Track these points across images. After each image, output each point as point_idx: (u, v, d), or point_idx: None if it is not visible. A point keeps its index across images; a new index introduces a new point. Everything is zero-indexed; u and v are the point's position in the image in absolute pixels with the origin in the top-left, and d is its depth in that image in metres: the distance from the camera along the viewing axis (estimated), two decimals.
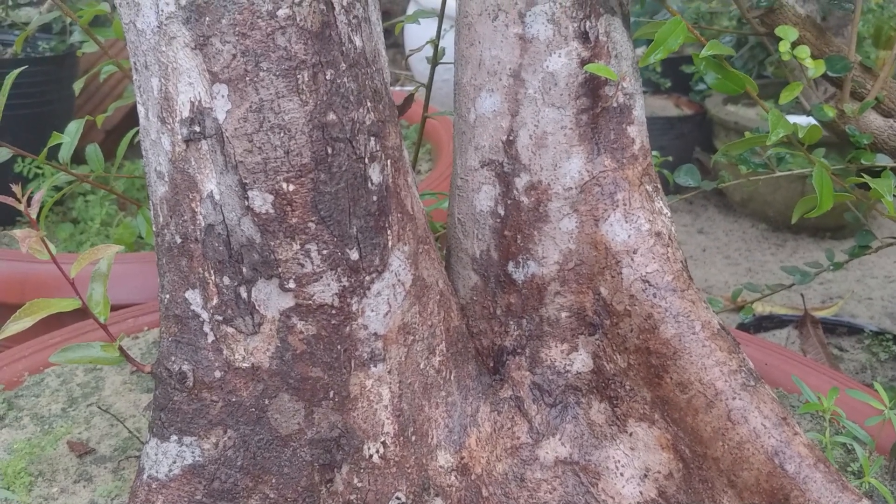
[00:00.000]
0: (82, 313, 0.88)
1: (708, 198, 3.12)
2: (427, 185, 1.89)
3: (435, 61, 1.24)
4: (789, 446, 0.84)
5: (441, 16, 1.22)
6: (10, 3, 2.21)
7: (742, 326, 2.01)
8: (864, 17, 2.85)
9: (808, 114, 1.24)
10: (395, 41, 4.18)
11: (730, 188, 2.92)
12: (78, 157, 1.53)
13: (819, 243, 2.80)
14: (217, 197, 0.79)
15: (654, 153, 1.36)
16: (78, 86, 1.30)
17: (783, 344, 1.97)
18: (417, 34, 3.25)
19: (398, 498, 0.90)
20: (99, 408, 1.18)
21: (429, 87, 1.27)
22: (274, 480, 0.85)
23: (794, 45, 1.07)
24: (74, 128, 1.17)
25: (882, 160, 1.24)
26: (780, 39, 1.07)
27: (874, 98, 1.24)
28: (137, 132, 1.17)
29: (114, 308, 1.42)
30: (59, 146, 1.20)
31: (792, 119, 1.07)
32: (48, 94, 2.05)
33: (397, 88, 3.15)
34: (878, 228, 2.70)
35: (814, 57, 1.14)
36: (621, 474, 0.93)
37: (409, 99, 1.23)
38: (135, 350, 1.32)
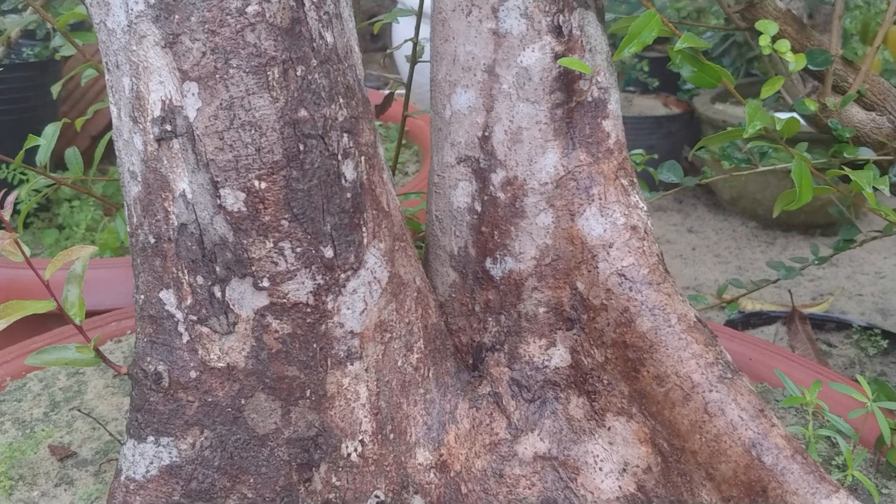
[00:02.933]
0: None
1: (697, 196, 3.12)
2: (414, 187, 1.89)
3: (414, 59, 1.24)
4: (766, 438, 0.83)
5: (419, 13, 1.22)
6: None
7: (730, 323, 2.01)
8: (850, 13, 2.85)
9: (791, 108, 1.24)
10: (384, 44, 4.18)
11: (719, 186, 2.93)
12: (63, 164, 1.52)
13: (809, 240, 2.80)
14: (189, 196, 0.79)
15: (640, 151, 1.36)
16: (56, 89, 1.30)
17: (772, 340, 1.96)
18: (404, 36, 3.25)
19: (377, 496, 0.89)
20: (80, 412, 1.17)
21: (408, 85, 1.27)
22: (252, 480, 0.85)
23: (774, 39, 1.07)
24: (51, 130, 1.17)
25: (865, 153, 1.24)
26: (761, 34, 1.07)
27: (856, 91, 1.24)
28: None
29: (99, 312, 1.42)
30: (38, 150, 1.20)
31: (779, 117, 1.07)
32: (32, 99, 2.04)
33: (386, 91, 3.14)
34: (868, 225, 2.71)
35: (795, 51, 1.14)
36: (600, 469, 0.93)
37: (389, 98, 1.23)
38: (117, 353, 1.31)
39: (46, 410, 1.18)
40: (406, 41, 1.23)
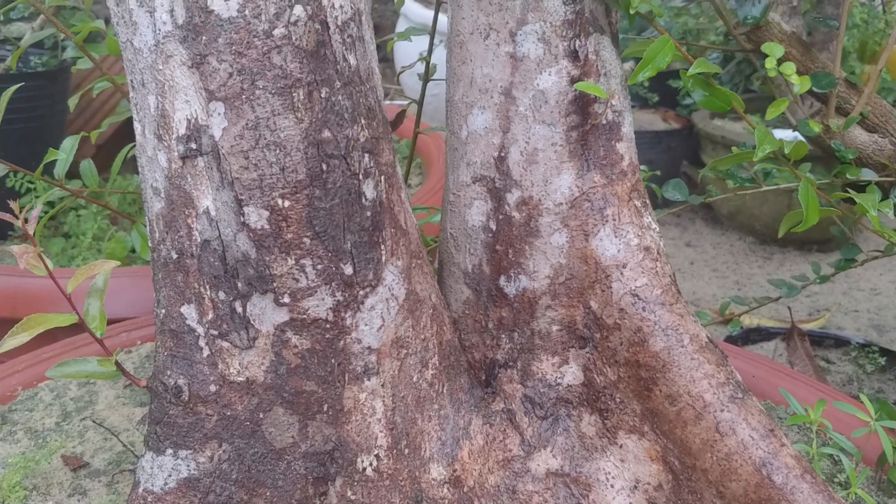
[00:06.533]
0: (75, 328, 0.89)
1: (695, 211, 3.14)
2: (417, 200, 1.91)
3: (426, 78, 1.25)
4: (776, 457, 0.85)
5: (432, 33, 1.24)
6: (2, 18, 2.22)
7: (730, 339, 2.03)
8: (848, 31, 2.88)
9: (794, 129, 1.26)
10: (384, 56, 4.20)
11: (717, 202, 2.94)
12: (70, 172, 1.54)
13: (806, 256, 2.82)
14: (213, 213, 0.80)
15: (642, 167, 1.38)
16: (73, 102, 1.31)
17: (770, 356, 1.98)
18: (407, 49, 3.27)
19: None
20: (93, 422, 1.18)
21: (420, 103, 1.29)
22: (268, 493, 0.86)
23: (780, 61, 1.09)
24: (70, 144, 1.18)
25: (867, 175, 1.26)
26: (767, 56, 1.09)
27: (859, 113, 1.26)
28: (132, 148, 1.18)
29: (107, 323, 1.43)
30: (53, 162, 1.21)
31: (778, 134, 1.09)
32: (40, 108, 2.05)
33: (388, 103, 3.16)
34: (864, 242, 2.73)
35: (799, 73, 1.15)
36: (612, 486, 0.95)
37: (401, 115, 1.24)
38: (128, 364, 1.33)
39: (58, 420, 1.19)
40: (419, 60, 1.25)
